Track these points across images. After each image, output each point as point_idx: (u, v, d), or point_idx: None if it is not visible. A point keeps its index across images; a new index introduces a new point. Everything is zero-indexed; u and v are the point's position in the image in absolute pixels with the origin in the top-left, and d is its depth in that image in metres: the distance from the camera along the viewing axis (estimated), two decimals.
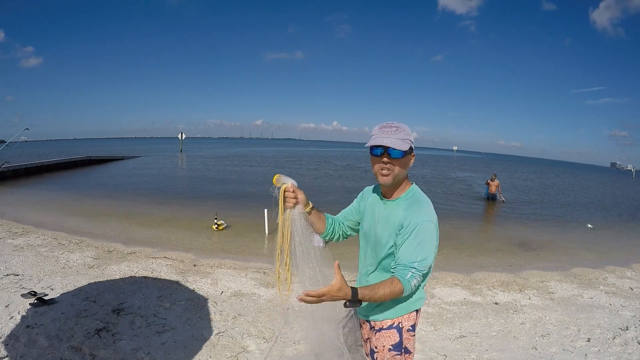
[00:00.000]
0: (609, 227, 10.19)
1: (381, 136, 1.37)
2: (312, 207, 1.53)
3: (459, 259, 6.15)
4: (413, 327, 1.49)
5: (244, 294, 3.88)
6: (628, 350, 2.97)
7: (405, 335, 1.48)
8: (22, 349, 2.54)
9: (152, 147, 51.76)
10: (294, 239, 1.46)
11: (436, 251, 1.40)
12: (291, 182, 1.45)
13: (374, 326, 1.51)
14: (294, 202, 1.46)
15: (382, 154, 1.37)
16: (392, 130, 1.37)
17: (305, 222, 1.48)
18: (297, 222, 1.45)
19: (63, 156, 23.11)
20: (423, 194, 1.47)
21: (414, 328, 1.50)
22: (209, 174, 19.33)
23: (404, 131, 1.37)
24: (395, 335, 1.47)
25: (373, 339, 1.52)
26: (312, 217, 1.53)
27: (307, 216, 1.49)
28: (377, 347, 1.49)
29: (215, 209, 8.37)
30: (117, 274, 4.28)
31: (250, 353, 2.70)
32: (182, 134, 40.24)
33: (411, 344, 1.50)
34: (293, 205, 1.45)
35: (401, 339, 1.47)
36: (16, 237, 5.82)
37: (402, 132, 1.37)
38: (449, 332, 3.22)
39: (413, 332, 1.50)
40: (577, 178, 35.96)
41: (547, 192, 19.05)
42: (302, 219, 1.46)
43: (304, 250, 1.45)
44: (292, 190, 1.45)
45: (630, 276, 5.31)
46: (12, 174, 14.71)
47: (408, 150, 1.38)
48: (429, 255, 1.35)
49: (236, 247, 6.34)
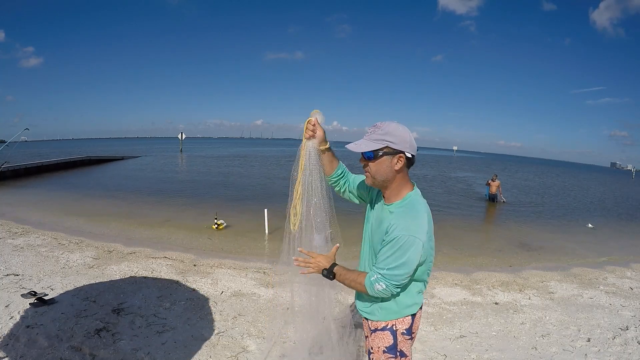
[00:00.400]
0: (609, 227, 10.19)
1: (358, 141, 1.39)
2: (329, 148, 1.56)
3: (459, 259, 6.15)
4: (408, 330, 1.48)
5: (244, 294, 3.88)
6: (628, 350, 2.97)
7: (400, 338, 1.47)
8: (22, 349, 2.54)
9: (153, 147, 51.74)
10: (305, 169, 1.55)
11: (424, 259, 1.36)
12: (317, 117, 1.51)
13: (370, 326, 1.52)
14: (310, 134, 1.51)
15: (361, 157, 1.40)
16: (370, 131, 1.37)
17: (316, 158, 1.55)
18: (311, 154, 1.54)
19: (63, 156, 23.10)
20: (421, 203, 1.40)
21: (410, 332, 1.49)
22: (209, 174, 19.34)
23: (380, 130, 1.34)
24: (389, 338, 1.47)
25: (370, 339, 1.53)
26: (325, 157, 1.56)
27: (319, 153, 1.55)
28: (373, 347, 1.51)
29: (215, 209, 8.38)
30: (117, 274, 4.28)
31: (250, 353, 2.70)
32: (182, 134, 40.30)
33: (407, 347, 1.49)
34: (309, 137, 1.52)
35: (395, 341, 1.47)
36: (16, 237, 5.82)
37: (377, 132, 1.34)
38: (449, 332, 3.22)
39: (408, 335, 1.49)
40: (577, 178, 35.95)
41: (547, 192, 19.05)
42: (314, 154, 1.54)
43: (312, 182, 1.56)
44: (313, 124, 1.50)
45: (630, 276, 5.30)
46: (12, 174, 14.72)
47: (379, 150, 1.33)
48: (402, 267, 1.31)
49: (236, 247, 6.34)
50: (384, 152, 1.34)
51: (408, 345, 1.50)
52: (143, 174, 18.52)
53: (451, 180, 21.62)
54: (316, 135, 1.52)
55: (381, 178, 1.38)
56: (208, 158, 32.00)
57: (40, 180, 14.76)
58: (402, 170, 1.38)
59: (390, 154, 1.34)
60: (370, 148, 1.34)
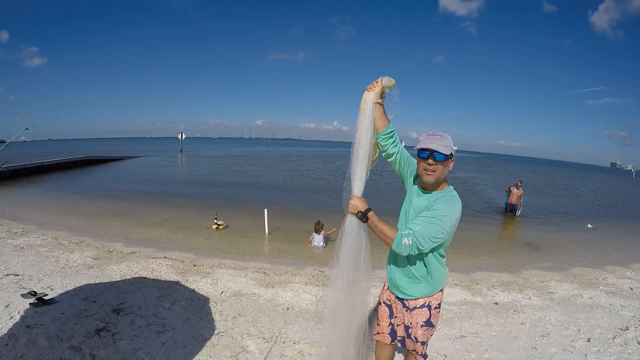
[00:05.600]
0: (609, 227, 10.19)
1: (427, 141, 1.62)
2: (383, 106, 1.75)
3: (459, 259, 6.15)
4: (439, 305, 1.80)
5: (244, 294, 3.88)
6: (628, 350, 2.97)
7: (433, 312, 1.78)
8: (22, 349, 2.54)
9: (153, 147, 51.76)
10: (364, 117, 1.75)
11: (446, 238, 1.62)
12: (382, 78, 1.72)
13: (408, 305, 1.79)
14: (370, 87, 1.73)
15: (428, 157, 1.61)
16: (437, 137, 1.62)
17: (371, 110, 1.74)
18: (368, 105, 1.74)
19: (63, 156, 23.10)
20: (457, 197, 1.67)
21: (440, 305, 1.81)
22: (209, 174, 19.34)
23: (447, 139, 1.63)
24: (427, 313, 1.77)
25: (407, 317, 1.80)
26: (377, 111, 1.75)
27: (374, 106, 1.74)
28: (412, 323, 1.79)
29: (215, 209, 8.38)
30: (117, 274, 4.28)
31: (250, 353, 2.69)
32: (182, 134, 40.33)
33: (436, 319, 1.80)
34: (368, 90, 1.73)
35: (430, 315, 1.77)
36: (16, 237, 5.82)
37: (445, 140, 1.62)
38: (449, 332, 3.22)
39: (439, 309, 1.81)
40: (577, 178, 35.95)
41: (547, 192, 19.05)
42: (370, 105, 1.74)
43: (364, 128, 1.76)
44: (377, 81, 1.72)
45: (630, 276, 5.30)
46: (12, 174, 14.71)
47: (449, 154, 1.61)
48: (432, 231, 1.56)
49: (236, 247, 6.34)
50: (450, 156, 1.64)
51: (437, 318, 1.81)
52: (143, 174, 18.52)
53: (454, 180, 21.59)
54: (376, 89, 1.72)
55: (442, 176, 1.66)
56: (208, 158, 32.00)
57: (40, 180, 14.75)
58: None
59: (451, 158, 1.66)
60: (446, 152, 1.60)
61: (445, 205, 1.60)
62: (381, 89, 1.72)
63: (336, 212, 1.75)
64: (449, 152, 1.61)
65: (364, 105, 1.75)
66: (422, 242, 1.55)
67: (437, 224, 1.55)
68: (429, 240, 1.56)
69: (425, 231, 1.55)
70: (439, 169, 1.62)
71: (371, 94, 1.73)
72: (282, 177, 18.81)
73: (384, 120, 1.77)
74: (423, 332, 1.77)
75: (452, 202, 1.63)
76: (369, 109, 1.74)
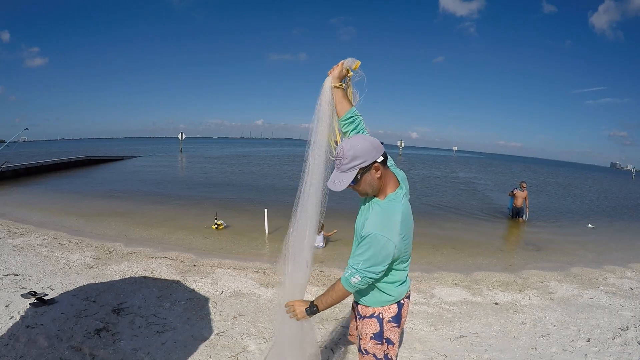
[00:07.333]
0: (609, 227, 10.18)
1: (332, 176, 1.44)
2: (343, 89, 1.62)
3: (459, 259, 6.15)
4: (394, 318, 1.54)
5: (244, 294, 3.88)
6: (628, 350, 2.97)
7: (387, 326, 1.53)
8: (22, 349, 2.54)
9: (153, 147, 51.74)
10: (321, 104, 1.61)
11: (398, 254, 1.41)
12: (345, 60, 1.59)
13: (359, 312, 1.60)
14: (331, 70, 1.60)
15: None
16: (337, 163, 1.41)
17: (329, 95, 1.60)
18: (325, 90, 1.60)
19: (63, 156, 23.11)
20: (397, 206, 1.43)
21: (398, 320, 1.55)
22: (209, 174, 19.33)
23: (345, 160, 1.37)
24: (376, 325, 1.54)
25: (359, 325, 1.61)
26: (336, 95, 1.60)
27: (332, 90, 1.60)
28: (362, 334, 1.59)
29: (215, 209, 8.38)
30: (117, 274, 4.28)
31: (250, 353, 2.69)
32: (182, 134, 40.33)
33: (394, 335, 1.55)
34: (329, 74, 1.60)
35: (382, 329, 1.53)
36: (16, 237, 5.82)
37: (344, 162, 1.37)
38: (449, 332, 3.22)
39: (395, 323, 1.54)
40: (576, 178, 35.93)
41: (547, 192, 19.04)
42: (328, 90, 1.60)
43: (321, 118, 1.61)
44: (337, 64, 1.60)
45: (630, 276, 5.30)
46: (12, 174, 14.71)
47: (356, 176, 1.38)
48: (373, 265, 1.38)
49: (236, 247, 6.34)
50: (361, 174, 1.39)
51: (395, 333, 1.55)
52: (143, 174, 18.50)
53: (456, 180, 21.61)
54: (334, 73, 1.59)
55: (371, 189, 1.44)
56: (208, 158, 31.99)
57: (40, 180, 14.75)
58: (382, 174, 1.42)
59: (366, 171, 1.39)
60: (348, 181, 1.39)
61: (378, 224, 1.38)
62: (341, 71, 1.58)
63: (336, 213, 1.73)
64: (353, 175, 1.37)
65: (321, 91, 1.59)
66: (370, 275, 1.39)
67: (374, 252, 1.36)
68: (376, 272, 1.40)
69: (369, 264, 1.38)
70: (360, 190, 1.44)
71: (329, 77, 1.58)
72: (282, 177, 18.80)
73: (344, 105, 1.60)
74: (372, 345, 1.54)
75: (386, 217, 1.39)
76: (327, 94, 1.58)
